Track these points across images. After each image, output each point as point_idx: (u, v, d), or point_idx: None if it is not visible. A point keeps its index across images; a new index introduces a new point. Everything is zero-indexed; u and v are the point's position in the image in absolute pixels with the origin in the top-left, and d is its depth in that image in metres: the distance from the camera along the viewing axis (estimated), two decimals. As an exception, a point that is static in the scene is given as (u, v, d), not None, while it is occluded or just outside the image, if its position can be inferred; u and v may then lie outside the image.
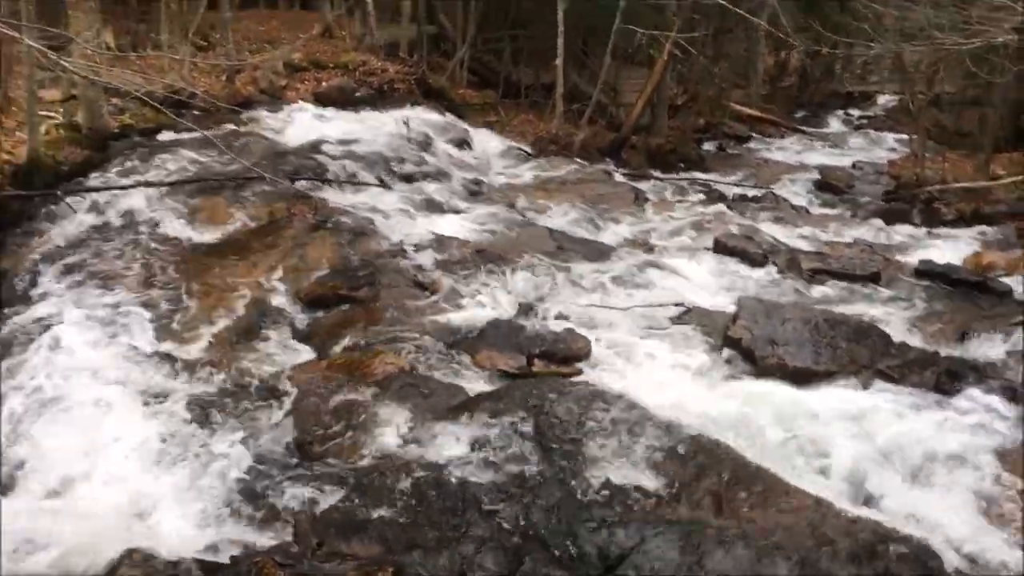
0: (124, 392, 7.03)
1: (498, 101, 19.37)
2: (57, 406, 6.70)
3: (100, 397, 6.89)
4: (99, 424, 6.52)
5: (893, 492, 5.51)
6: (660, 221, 12.03)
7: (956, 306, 8.83)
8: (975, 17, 9.97)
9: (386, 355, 7.34)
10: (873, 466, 5.69)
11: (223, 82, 14.50)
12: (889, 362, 6.90)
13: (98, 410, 6.72)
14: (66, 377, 7.02)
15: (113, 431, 6.46)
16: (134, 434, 6.44)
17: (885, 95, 29.68)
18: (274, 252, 9.50)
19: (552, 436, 5.88)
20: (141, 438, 6.42)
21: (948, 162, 18.03)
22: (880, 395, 6.47)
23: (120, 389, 7.06)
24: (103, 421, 6.56)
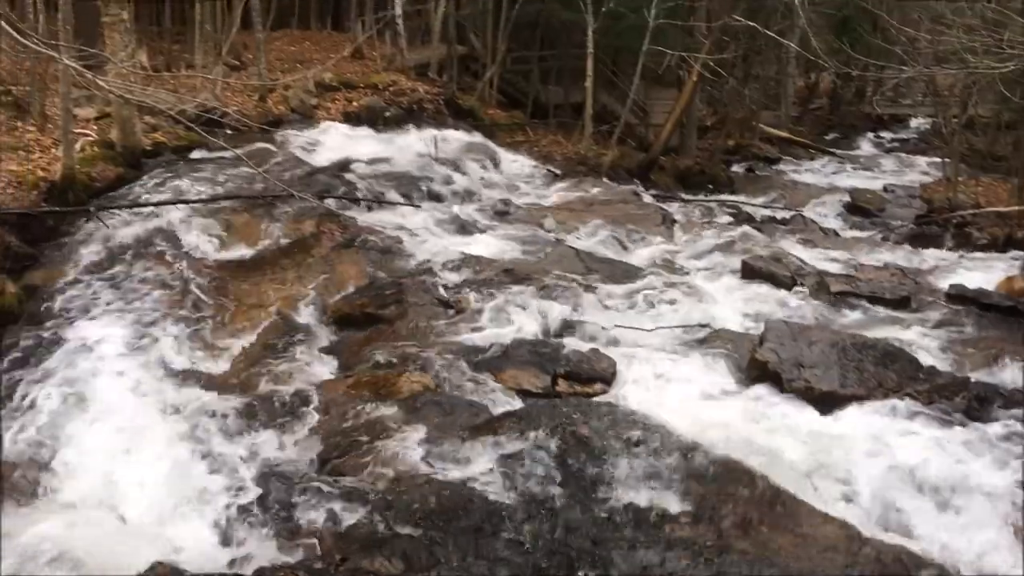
0: (153, 405, 7.13)
1: (527, 121, 19.46)
2: (86, 418, 6.80)
3: (129, 409, 6.99)
4: (127, 436, 6.59)
5: (921, 519, 5.43)
6: (688, 242, 12.01)
7: (987, 331, 8.70)
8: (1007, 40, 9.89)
9: (411, 373, 7.38)
10: (901, 492, 5.61)
11: (255, 101, 14.68)
12: (918, 386, 6.81)
13: (126, 422, 6.79)
14: (96, 389, 7.13)
15: (141, 443, 6.54)
16: (162, 446, 6.53)
17: (918, 118, 29.47)
18: (303, 270, 9.60)
19: (576, 456, 5.87)
20: (168, 450, 6.50)
21: (982, 186, 17.87)
22: (908, 420, 6.38)
23: (149, 402, 7.17)
24: (131, 433, 6.62)
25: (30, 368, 7.47)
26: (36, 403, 6.99)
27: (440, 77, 18.64)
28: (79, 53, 6.33)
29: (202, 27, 14.74)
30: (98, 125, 11.88)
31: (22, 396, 7.12)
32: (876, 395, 6.70)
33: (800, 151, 24.77)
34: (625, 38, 18.80)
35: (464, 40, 20.90)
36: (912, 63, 14.95)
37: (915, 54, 16.45)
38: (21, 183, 9.88)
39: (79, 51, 6.53)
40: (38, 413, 6.87)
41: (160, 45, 16.74)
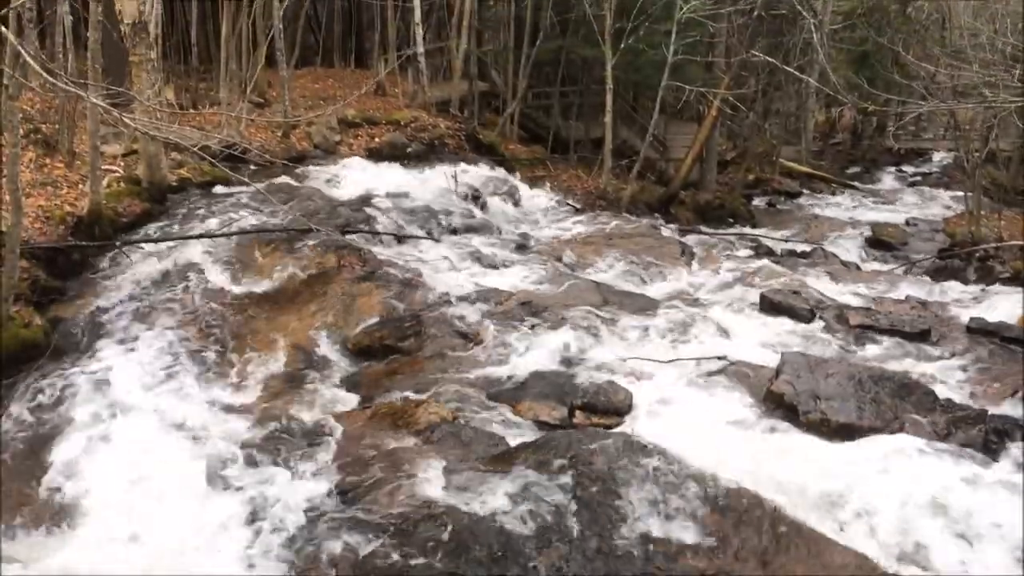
0: (176, 436, 7.21)
1: (547, 156, 19.63)
2: (110, 450, 6.89)
3: (152, 441, 7.07)
4: (149, 466, 6.66)
5: (940, 552, 5.39)
6: (707, 275, 12.03)
7: (1007, 364, 8.64)
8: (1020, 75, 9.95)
9: (430, 404, 7.44)
10: (918, 525, 5.57)
11: (279, 137, 14.93)
12: (935, 419, 6.79)
13: (149, 454, 6.88)
14: (119, 421, 7.22)
15: (162, 473, 6.61)
16: (182, 477, 6.59)
17: (940, 152, 29.43)
18: (324, 302, 9.72)
19: (592, 488, 5.88)
20: (189, 481, 6.55)
21: (1004, 220, 17.80)
22: (925, 453, 6.34)
23: (170, 432, 7.25)
24: (153, 464, 6.70)
25: (56, 400, 7.59)
26: (61, 435, 7.10)
27: (461, 113, 18.87)
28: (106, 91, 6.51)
29: (227, 65, 15.02)
30: (125, 161, 12.12)
31: (48, 428, 7.24)
32: (893, 427, 6.69)
33: (821, 185, 24.80)
34: (644, 73, 19.00)
35: (485, 76, 21.18)
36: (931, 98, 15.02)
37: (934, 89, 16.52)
38: (49, 218, 10.09)
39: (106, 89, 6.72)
40: (63, 445, 6.96)
41: (187, 83, 17.08)
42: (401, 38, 19.56)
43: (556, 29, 19.81)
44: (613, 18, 16.67)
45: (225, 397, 8.07)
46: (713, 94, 18.51)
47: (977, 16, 20.43)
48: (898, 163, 29.41)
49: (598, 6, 17.08)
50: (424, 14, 19.31)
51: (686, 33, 16.96)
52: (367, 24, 24.11)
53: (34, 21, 10.89)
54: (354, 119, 16.75)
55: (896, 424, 6.74)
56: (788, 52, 22.09)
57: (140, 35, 10.36)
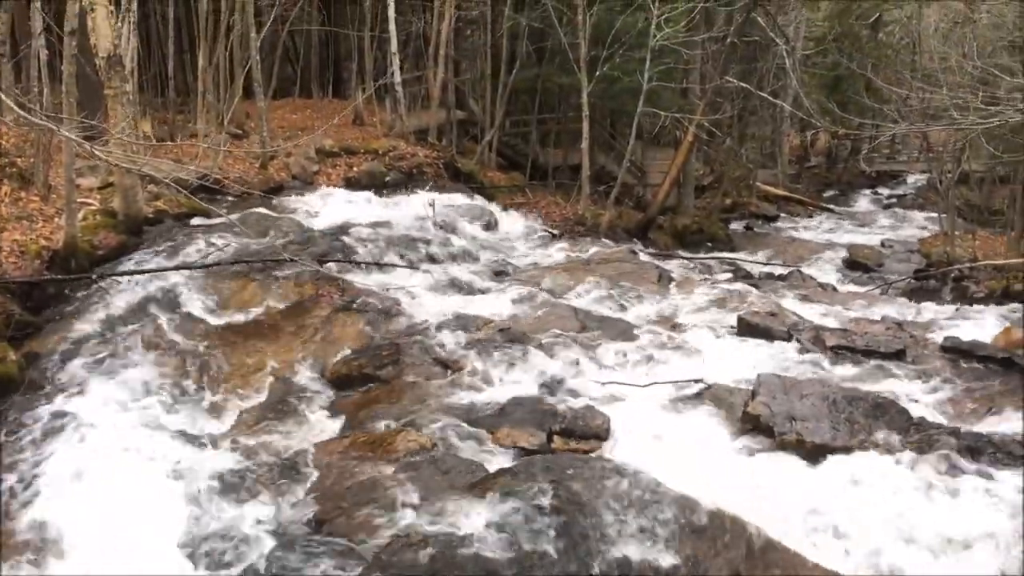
0: (153, 470, 7.16)
1: (526, 183, 19.74)
2: (84, 485, 6.82)
3: (127, 475, 7.02)
4: (125, 501, 6.61)
5: (914, 570, 5.43)
6: (684, 299, 12.08)
7: (981, 383, 8.73)
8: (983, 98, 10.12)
9: (408, 432, 7.44)
10: (893, 543, 5.62)
11: (257, 168, 14.95)
12: (908, 438, 6.85)
13: (124, 488, 6.82)
14: (93, 455, 7.16)
15: (138, 508, 6.56)
16: (162, 512, 6.54)
17: (914, 174, 29.82)
18: (302, 332, 9.71)
19: (569, 512, 5.89)
20: (167, 515, 6.52)
21: (979, 240, 18.03)
22: (899, 471, 6.39)
23: (149, 467, 7.19)
24: (129, 499, 6.65)
25: (31, 435, 7.51)
26: (38, 470, 7.02)
27: (439, 141, 18.97)
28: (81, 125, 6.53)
29: (204, 97, 15.06)
30: (101, 194, 12.10)
31: (24, 463, 7.16)
32: (867, 446, 6.74)
33: (798, 208, 25.06)
34: (620, 100, 19.18)
35: (463, 105, 21.32)
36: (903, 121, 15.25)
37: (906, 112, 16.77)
38: (24, 252, 10.05)
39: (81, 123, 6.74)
40: (40, 480, 6.89)
41: (164, 115, 17.11)
42: (379, 68, 19.67)
43: (532, 58, 19.99)
44: (588, 46, 16.86)
45: (202, 429, 8.03)
46: (689, 120, 18.71)
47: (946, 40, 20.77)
48: (873, 185, 29.78)
49: (573, 35, 17.26)
50: (401, 44, 19.43)
51: (660, 60, 17.16)
52: (345, 55, 24.28)
53: (8, 55, 10.91)
54: (332, 149, 16.80)
55: (870, 443, 6.79)
56: (762, 78, 22.41)
57: (115, 68, 10.39)
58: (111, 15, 10.52)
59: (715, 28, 19.37)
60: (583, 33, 16.76)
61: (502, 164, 20.70)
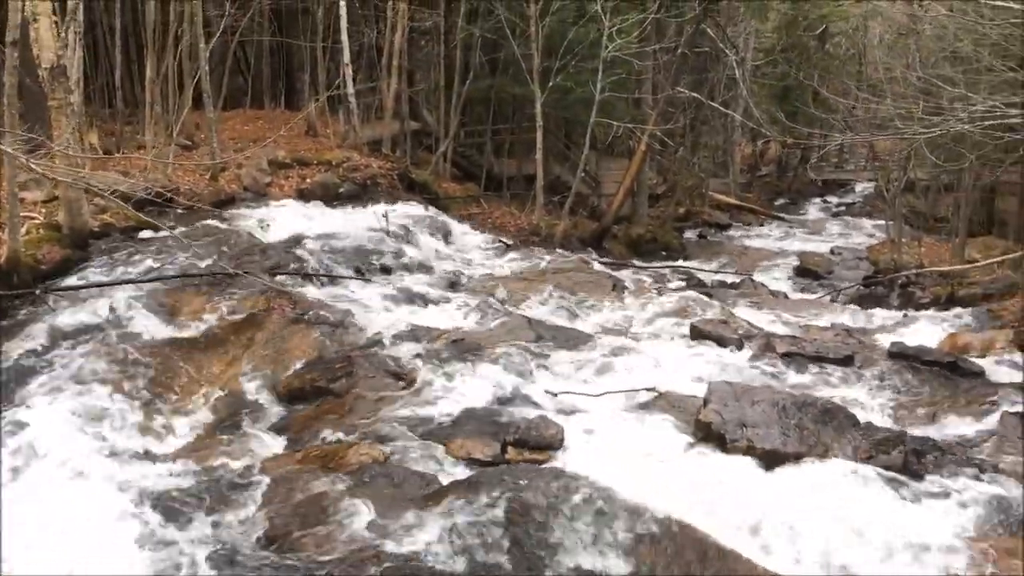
0: (99, 488, 7.00)
1: (481, 194, 19.76)
2: (28, 504, 6.65)
3: (72, 494, 6.86)
4: (70, 521, 6.47)
5: (865, 573, 5.50)
6: (638, 308, 12.16)
7: (927, 387, 8.91)
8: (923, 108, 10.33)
9: (360, 446, 7.38)
10: (843, 548, 5.69)
11: (207, 180, 14.76)
12: (856, 443, 6.95)
13: (70, 507, 6.67)
14: (37, 474, 7.00)
15: (86, 528, 6.42)
16: (107, 531, 6.41)
17: (862, 183, 30.39)
18: (253, 346, 9.59)
19: (523, 523, 5.89)
20: (113, 535, 6.38)
21: (925, 247, 18.40)
22: (848, 476, 6.48)
23: (95, 485, 7.04)
24: (75, 518, 6.50)
25: (-29, 454, 7.33)
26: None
27: (394, 152, 18.91)
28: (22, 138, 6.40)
29: (153, 108, 14.85)
30: (46, 208, 11.84)
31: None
32: (816, 452, 6.83)
33: (749, 217, 25.41)
34: (574, 111, 19.32)
35: (417, 116, 21.30)
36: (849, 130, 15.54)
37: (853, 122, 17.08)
38: (-35, 267, 9.81)
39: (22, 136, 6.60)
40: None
41: (111, 126, 16.83)
42: (332, 78, 19.56)
43: (486, 68, 20.06)
44: (541, 57, 16.95)
45: (150, 447, 7.88)
46: (642, 130, 18.89)
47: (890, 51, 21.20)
48: (823, 194, 30.30)
49: (526, 46, 17.34)
50: (354, 54, 19.37)
51: (613, 71, 17.30)
52: (297, 65, 24.10)
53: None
54: (285, 160, 16.64)
55: (819, 448, 6.88)
56: (713, 88, 22.71)
57: (59, 79, 10.20)
58: (55, 25, 10.34)
59: (666, 39, 19.59)
60: (536, 44, 16.84)
61: (457, 175, 20.70)
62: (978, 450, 7.30)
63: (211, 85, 15.76)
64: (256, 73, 23.23)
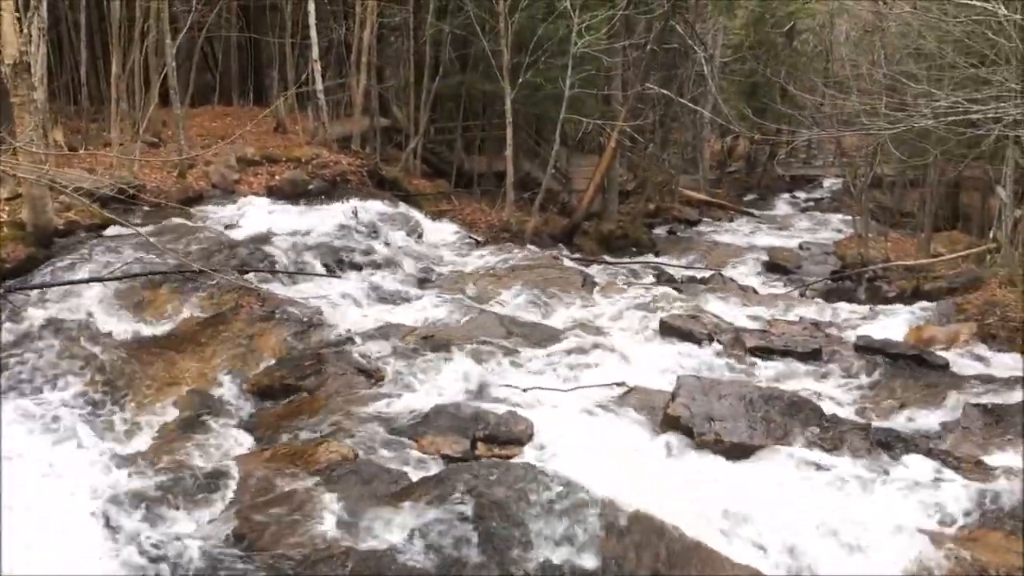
0: (65, 489, 6.94)
1: (451, 190, 19.72)
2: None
3: (40, 495, 6.79)
4: (39, 522, 6.40)
5: (827, 563, 5.58)
6: (608, 304, 12.20)
7: (893, 380, 9.04)
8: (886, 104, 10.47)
9: (330, 443, 7.35)
10: (809, 539, 5.76)
11: (175, 177, 14.62)
12: (823, 435, 7.05)
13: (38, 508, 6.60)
14: (5, 475, 6.91)
15: (54, 528, 6.36)
16: (76, 532, 6.35)
17: (829, 178, 30.67)
18: (221, 344, 9.52)
19: (493, 519, 5.91)
20: (82, 535, 6.32)
21: (891, 241, 18.61)
22: (814, 468, 6.57)
23: (62, 486, 6.97)
24: (43, 519, 6.44)
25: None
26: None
27: (363, 149, 18.82)
28: (-18, 134, 6.31)
29: (118, 104, 14.68)
30: (10, 205, 11.67)
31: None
32: (783, 444, 6.91)
33: (719, 212, 25.55)
34: (544, 107, 19.30)
35: (387, 112, 21.20)
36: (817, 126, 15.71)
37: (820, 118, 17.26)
38: (-73, 266, 9.66)
39: (-17, 132, 6.51)
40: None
41: (77, 123, 16.62)
42: (301, 75, 19.43)
43: (456, 65, 20.00)
44: (510, 53, 16.94)
45: (119, 446, 7.81)
46: (612, 126, 18.94)
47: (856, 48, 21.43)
48: (791, 189, 30.54)
49: (495, 42, 17.32)
50: (323, 51, 19.23)
51: (582, 67, 17.33)
52: (266, 61, 23.92)
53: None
54: (254, 157, 16.52)
55: (786, 441, 6.97)
56: (682, 84, 22.78)
57: (22, 76, 10.05)
58: (17, 21, 10.19)
59: (635, 35, 19.65)
60: (505, 40, 16.83)
61: (427, 171, 20.64)
62: (942, 441, 7.42)
63: (178, 81, 15.61)
64: (224, 69, 23.01)
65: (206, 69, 23.13)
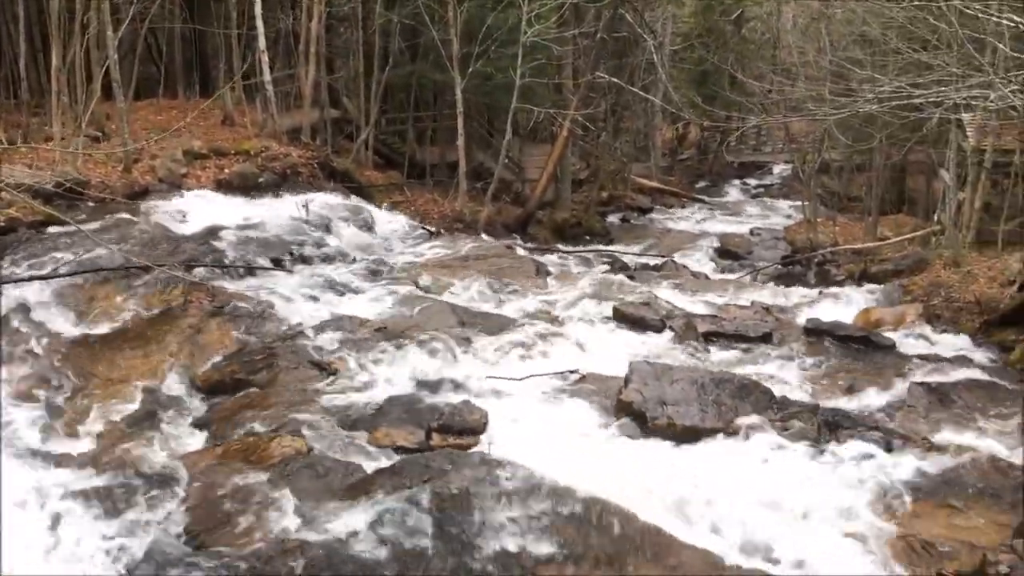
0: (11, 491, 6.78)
1: (403, 181, 19.59)
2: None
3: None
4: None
5: (779, 542, 5.66)
6: (562, 292, 12.24)
7: (841, 361, 9.20)
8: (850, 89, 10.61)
9: (283, 438, 7.30)
10: (759, 517, 5.84)
11: (120, 172, 14.33)
12: (771, 416, 7.14)
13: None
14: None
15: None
16: (21, 534, 6.21)
17: (779, 164, 31.06)
18: (170, 340, 9.37)
19: (448, 508, 5.90)
20: (28, 537, 6.19)
21: (839, 226, 18.92)
22: (764, 448, 6.66)
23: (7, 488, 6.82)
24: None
25: None
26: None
27: (314, 141, 18.60)
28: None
29: (60, 98, 14.35)
30: (-51, 204, 11.38)
31: None
32: (734, 427, 6.99)
33: (671, 200, 25.75)
34: (495, 97, 19.27)
35: (337, 103, 20.99)
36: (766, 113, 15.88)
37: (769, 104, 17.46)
38: None
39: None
40: None
41: (17, 118, 16.21)
42: (248, 66, 19.14)
43: (406, 55, 19.86)
44: (460, 43, 16.85)
45: (65, 447, 7.67)
46: (563, 115, 18.96)
47: (804, 35, 21.70)
48: (742, 176, 30.89)
49: (445, 31, 17.23)
50: (270, 41, 18.96)
51: (532, 56, 17.32)
52: (212, 53, 23.53)
53: None
54: (201, 151, 16.23)
55: (737, 423, 7.05)
56: (633, 73, 22.87)
57: (-43, 69, 9.80)
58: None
59: (585, 24, 19.66)
60: (455, 30, 16.75)
61: (379, 163, 20.49)
62: (888, 419, 7.56)
63: (121, 74, 15.28)
64: (169, 61, 22.57)
65: (150, 61, 22.70)
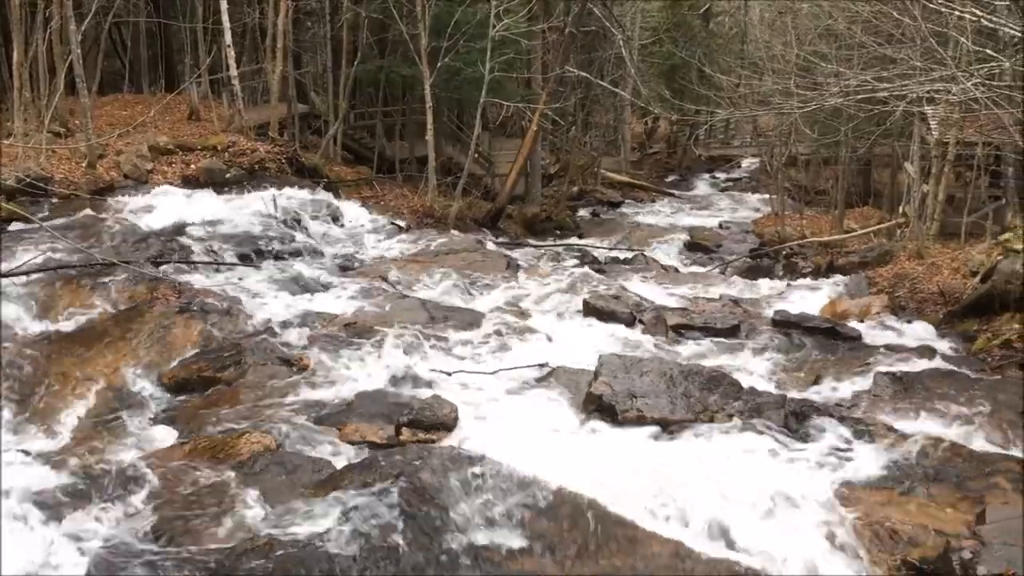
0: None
1: (373, 176, 19.54)
2: None
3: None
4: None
5: (747, 531, 5.70)
6: (533, 287, 12.26)
7: (808, 352, 9.29)
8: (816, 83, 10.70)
9: (251, 434, 7.24)
10: (728, 508, 5.88)
11: (84, 168, 14.16)
12: (740, 407, 7.20)
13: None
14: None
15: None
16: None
17: (748, 158, 31.31)
18: (136, 338, 9.27)
19: (417, 503, 5.87)
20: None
21: (806, 219, 19.11)
22: (732, 439, 6.71)
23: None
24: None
25: None
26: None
27: (281, 136, 18.49)
28: None
29: (21, 93, 14.15)
30: (-93, 201, 11.20)
31: None
32: (702, 418, 7.05)
33: (641, 194, 25.89)
34: (464, 91, 19.24)
35: (305, 98, 20.88)
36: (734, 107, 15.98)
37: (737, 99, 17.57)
38: None
39: None
40: None
41: (-22, 114, 16.00)
42: (214, 61, 18.96)
43: (374, 49, 19.78)
44: (428, 37, 16.81)
45: (29, 446, 7.54)
46: (533, 109, 18.98)
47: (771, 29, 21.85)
48: (711, 170, 31.10)
49: (413, 26, 17.17)
50: (237, 36, 18.82)
51: (501, 50, 17.32)
52: (177, 48, 23.29)
53: None
54: (167, 146, 16.08)
55: (705, 415, 7.10)
56: (602, 67, 22.94)
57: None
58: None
59: (554, 18, 19.69)
60: (423, 24, 16.70)
61: (348, 158, 20.42)
62: (854, 409, 7.64)
63: (85, 69, 15.09)
64: (133, 56, 22.36)
65: (114, 56, 22.46)
